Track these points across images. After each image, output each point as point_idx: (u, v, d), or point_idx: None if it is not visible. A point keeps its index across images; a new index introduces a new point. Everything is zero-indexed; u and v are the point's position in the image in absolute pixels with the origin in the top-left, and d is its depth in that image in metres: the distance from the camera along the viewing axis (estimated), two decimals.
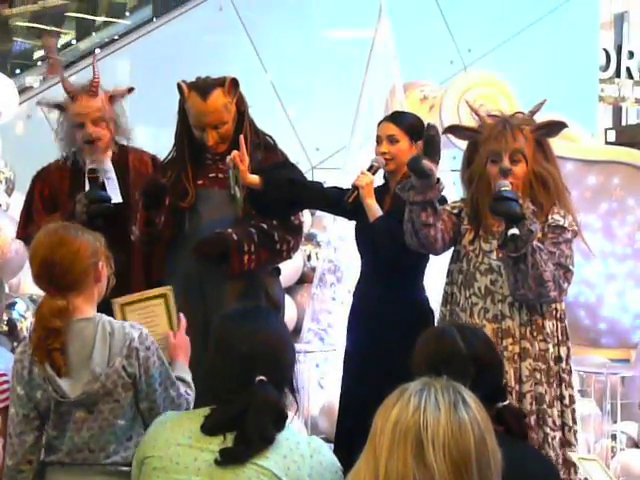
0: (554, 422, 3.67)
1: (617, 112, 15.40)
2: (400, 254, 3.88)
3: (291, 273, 6.52)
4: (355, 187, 3.96)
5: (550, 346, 3.71)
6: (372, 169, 4.03)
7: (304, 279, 6.84)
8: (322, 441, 2.45)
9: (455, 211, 3.84)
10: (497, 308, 3.70)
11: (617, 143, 11.99)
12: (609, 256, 6.90)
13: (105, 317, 2.91)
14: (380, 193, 4.06)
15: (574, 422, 3.75)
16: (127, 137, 4.36)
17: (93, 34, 8.81)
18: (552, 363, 3.71)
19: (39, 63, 8.61)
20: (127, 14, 8.96)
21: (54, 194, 4.30)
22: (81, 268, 2.89)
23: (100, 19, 9.09)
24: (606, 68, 14.44)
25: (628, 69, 14.88)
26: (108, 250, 2.99)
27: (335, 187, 4.25)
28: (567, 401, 3.73)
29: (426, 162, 3.54)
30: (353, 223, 4.25)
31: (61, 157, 4.35)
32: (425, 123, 3.96)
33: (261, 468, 2.33)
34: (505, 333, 3.68)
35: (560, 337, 3.75)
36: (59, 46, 8.68)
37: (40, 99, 4.52)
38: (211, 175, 4.16)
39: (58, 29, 9.22)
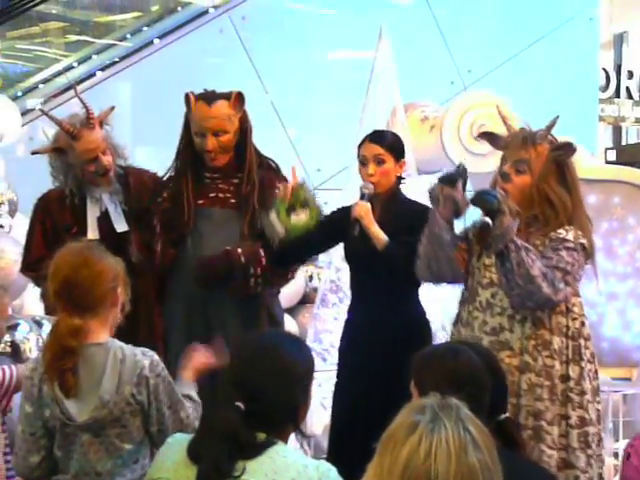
0: (553, 440, 3.59)
1: (617, 132, 15.46)
2: (414, 276, 3.88)
3: (293, 294, 6.52)
4: (356, 220, 3.95)
5: (557, 363, 3.64)
6: (365, 197, 4.00)
7: (306, 300, 6.84)
8: (330, 465, 2.40)
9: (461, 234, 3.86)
10: (495, 321, 3.68)
11: (617, 162, 12.02)
12: (610, 275, 6.89)
13: (117, 343, 2.91)
14: None
15: (585, 445, 3.62)
16: (124, 157, 4.32)
17: (94, 57, 8.82)
18: (557, 381, 3.63)
19: (40, 86, 8.62)
20: (128, 36, 8.98)
21: (55, 226, 4.24)
22: (101, 291, 2.90)
23: (101, 41, 9.11)
24: (606, 88, 14.49)
25: (628, 89, 14.92)
26: (127, 276, 3.01)
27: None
28: (573, 422, 3.62)
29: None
30: None
31: (63, 187, 4.24)
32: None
33: None
34: (502, 345, 3.65)
35: (571, 355, 3.66)
36: (61, 69, 8.71)
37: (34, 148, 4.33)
38: (211, 195, 4.17)
39: (60, 52, 9.26)
